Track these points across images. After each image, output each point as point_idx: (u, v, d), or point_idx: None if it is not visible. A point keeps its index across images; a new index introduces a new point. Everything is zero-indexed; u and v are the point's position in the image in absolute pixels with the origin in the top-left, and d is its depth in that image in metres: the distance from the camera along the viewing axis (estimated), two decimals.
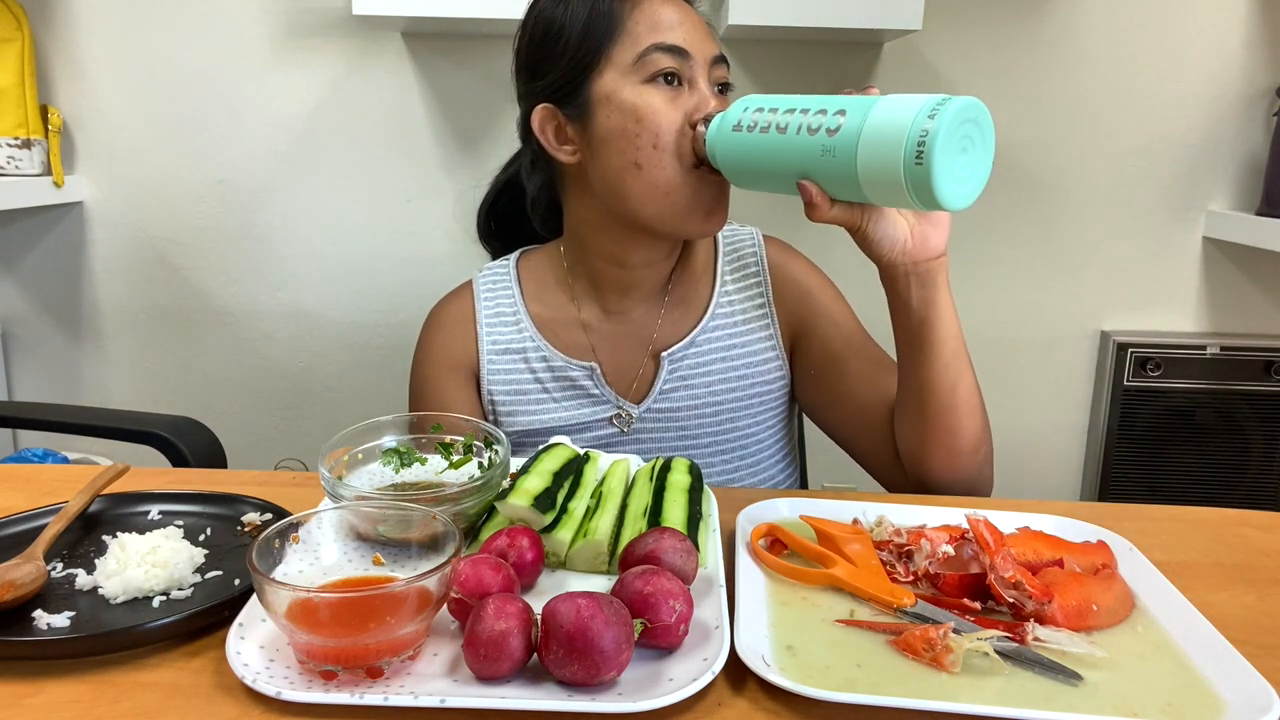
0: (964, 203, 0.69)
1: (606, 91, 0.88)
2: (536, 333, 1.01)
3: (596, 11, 0.88)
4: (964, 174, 0.69)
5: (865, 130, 0.69)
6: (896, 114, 0.68)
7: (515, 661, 0.53)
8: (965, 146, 0.68)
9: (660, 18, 0.88)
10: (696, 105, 0.88)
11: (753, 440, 1.02)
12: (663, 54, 0.87)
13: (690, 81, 0.88)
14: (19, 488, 0.84)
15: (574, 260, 1.01)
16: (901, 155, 0.66)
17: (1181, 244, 1.87)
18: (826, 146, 0.72)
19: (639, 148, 0.87)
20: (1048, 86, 1.79)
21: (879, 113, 0.69)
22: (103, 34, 1.78)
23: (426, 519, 0.62)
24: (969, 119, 0.67)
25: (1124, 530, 0.73)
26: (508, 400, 1.00)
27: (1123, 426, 1.88)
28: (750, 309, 1.02)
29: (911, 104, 0.68)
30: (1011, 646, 0.58)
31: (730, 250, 1.04)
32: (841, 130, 0.71)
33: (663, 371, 0.99)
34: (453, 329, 1.03)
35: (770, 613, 0.63)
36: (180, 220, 1.87)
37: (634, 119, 0.87)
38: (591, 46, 0.88)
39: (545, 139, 0.93)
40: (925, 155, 0.65)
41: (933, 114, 0.66)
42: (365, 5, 1.54)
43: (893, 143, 0.67)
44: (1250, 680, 0.54)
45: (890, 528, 0.73)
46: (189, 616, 0.59)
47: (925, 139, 0.65)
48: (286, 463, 1.96)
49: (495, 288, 1.04)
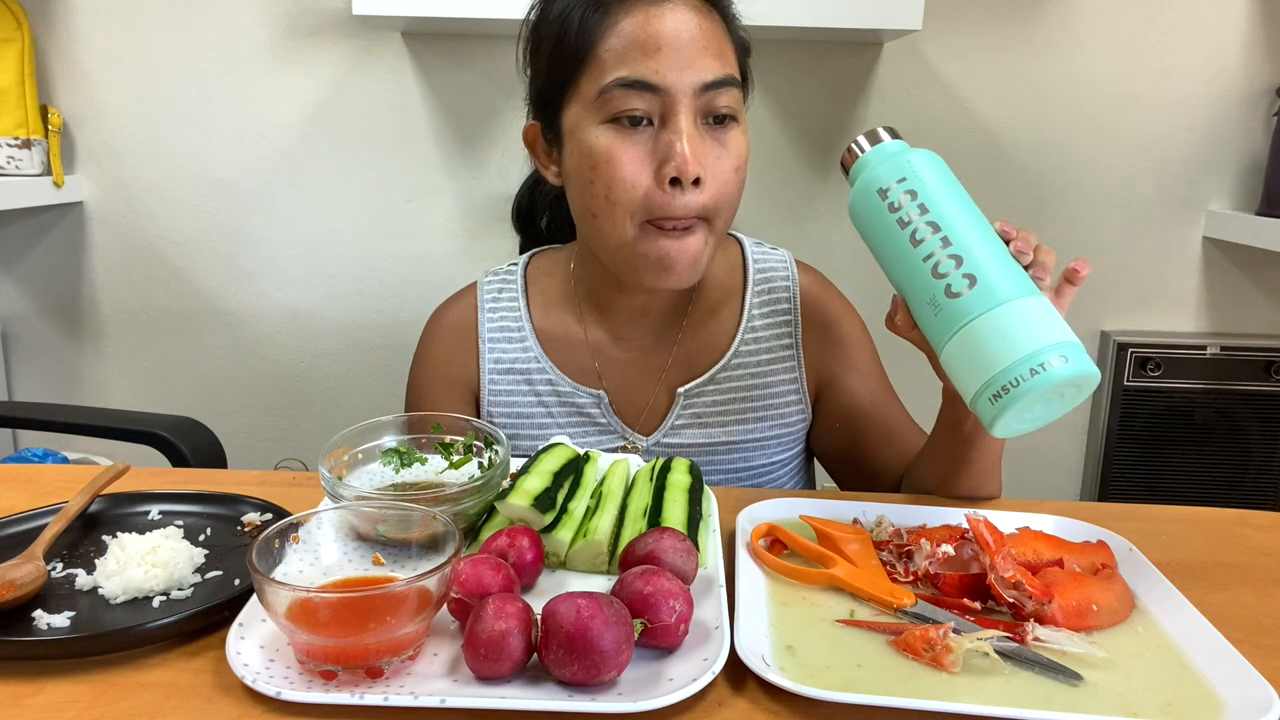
0: (1013, 435, 0.66)
1: (571, 126, 0.79)
2: (542, 353, 0.94)
3: (570, 25, 0.78)
4: (1032, 417, 0.65)
5: (972, 327, 0.64)
6: (1011, 337, 0.62)
7: (515, 661, 0.53)
8: (1051, 399, 0.64)
9: (636, 39, 0.75)
10: (665, 155, 0.75)
11: (767, 478, 0.97)
12: (625, 91, 0.75)
13: (663, 119, 0.76)
14: (19, 488, 0.84)
15: (579, 278, 0.95)
16: (980, 385, 0.63)
17: (1181, 244, 1.87)
18: (935, 301, 0.66)
19: (593, 196, 0.78)
20: (1048, 86, 1.79)
21: (998, 318, 0.63)
22: (103, 34, 1.78)
23: (426, 519, 0.62)
24: (1073, 384, 0.63)
25: (1124, 530, 0.73)
26: (509, 423, 0.95)
27: (1123, 426, 1.88)
28: (777, 347, 0.94)
29: (1031, 338, 0.62)
30: (1011, 646, 0.58)
31: (761, 278, 0.96)
32: (958, 301, 0.65)
33: (676, 407, 0.93)
34: (453, 342, 0.96)
35: (770, 613, 0.63)
36: (180, 220, 1.87)
37: (590, 165, 0.77)
38: (563, 70, 0.79)
39: (535, 155, 0.88)
40: (1002, 401, 0.62)
41: (1039, 369, 0.61)
42: (365, 5, 1.54)
43: (984, 364, 0.63)
44: (1250, 680, 0.54)
45: (890, 528, 0.73)
46: (189, 616, 0.59)
47: (1012, 389, 0.61)
48: (286, 463, 1.96)
49: (500, 297, 0.97)
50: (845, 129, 1.80)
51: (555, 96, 0.81)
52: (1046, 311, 0.65)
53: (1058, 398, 0.64)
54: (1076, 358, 0.62)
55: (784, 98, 1.78)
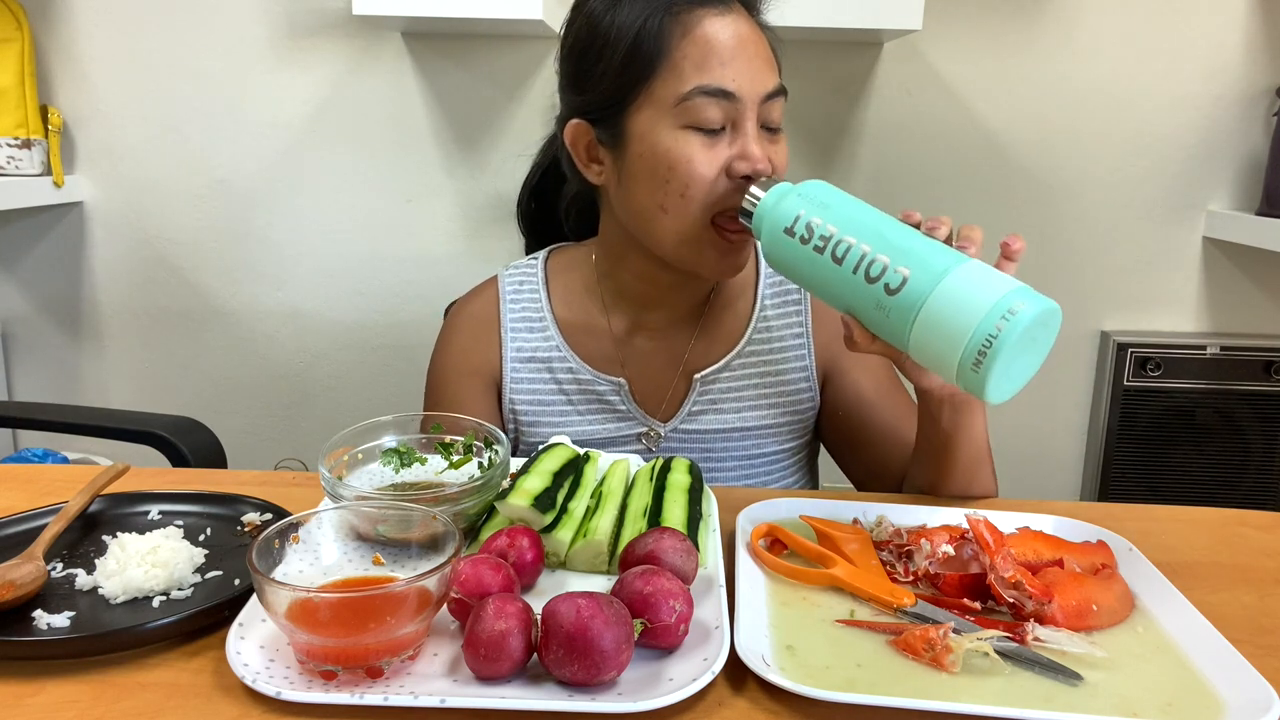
0: (1007, 397, 0.65)
1: (642, 129, 0.82)
2: (563, 341, 0.97)
3: (645, 32, 0.81)
4: (1017, 372, 0.64)
5: (927, 308, 0.63)
6: (966, 301, 0.62)
7: (515, 661, 0.53)
8: (1028, 348, 0.63)
9: (712, 48, 0.80)
10: (738, 154, 0.81)
11: (778, 466, 1.00)
12: (707, 99, 0.79)
13: (735, 124, 0.81)
14: (19, 488, 0.84)
15: (606, 271, 0.97)
16: (959, 355, 0.62)
17: (1181, 244, 1.87)
18: (882, 304, 0.66)
19: (667, 194, 0.82)
20: (1047, 86, 1.79)
21: (947, 290, 0.63)
22: (103, 34, 1.78)
23: (426, 519, 0.62)
24: (1041, 324, 0.62)
25: (1124, 530, 0.73)
26: (530, 411, 0.97)
27: (1123, 426, 1.88)
28: (789, 336, 0.98)
29: (985, 294, 0.61)
30: (1011, 646, 0.58)
31: (773, 272, 1.00)
32: (902, 292, 0.65)
33: (693, 393, 0.96)
34: (475, 333, 0.99)
35: (770, 613, 0.63)
36: (180, 220, 1.87)
37: (666, 165, 0.81)
38: (633, 76, 0.82)
39: (576, 153, 0.89)
40: (985, 363, 0.61)
41: (1006, 317, 0.60)
42: (365, 5, 1.54)
43: (954, 336, 0.62)
44: (1250, 680, 0.54)
45: (890, 528, 0.73)
46: (189, 616, 0.59)
47: (990, 346, 0.60)
48: (286, 463, 1.96)
49: (522, 289, 1.00)
50: (845, 129, 1.80)
51: (621, 100, 0.83)
52: (985, 270, 0.65)
53: (1032, 343, 0.63)
54: (1033, 296, 0.62)
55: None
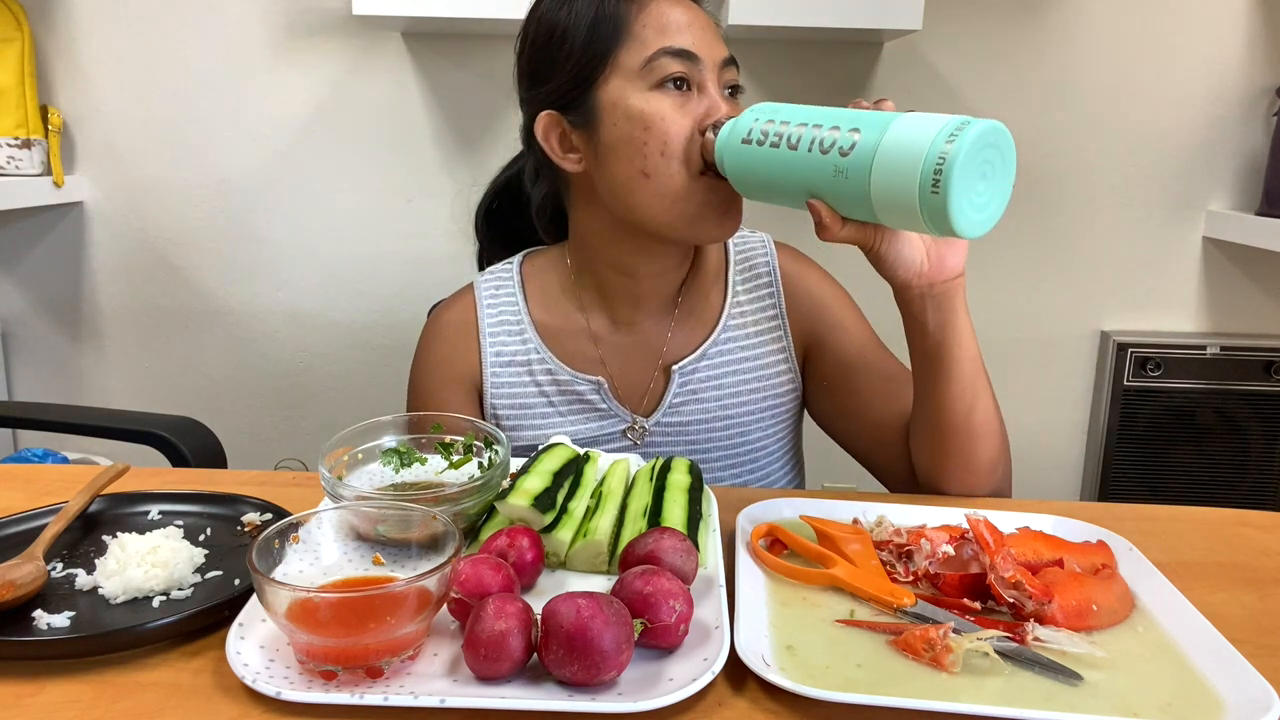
0: (981, 230, 0.66)
1: (613, 99, 0.86)
2: (541, 344, 0.98)
3: (601, 14, 0.86)
4: (982, 201, 0.66)
5: (880, 152, 0.66)
6: (913, 136, 0.65)
7: (515, 661, 0.53)
8: (985, 172, 0.65)
9: (668, 20, 0.86)
10: (706, 110, 0.85)
11: (762, 453, 1.00)
12: (671, 58, 0.84)
13: (699, 85, 0.86)
14: (19, 488, 0.84)
15: (581, 269, 0.99)
16: (917, 181, 0.63)
17: (1181, 244, 1.87)
18: (839, 167, 0.69)
19: (647, 156, 0.85)
20: (1047, 86, 1.79)
21: (895, 133, 0.66)
22: (103, 34, 1.78)
23: (426, 519, 0.62)
24: (990, 144, 0.64)
25: (1124, 530, 0.73)
26: (511, 414, 0.98)
27: (1123, 426, 1.88)
28: (763, 319, 1.00)
29: (929, 126, 0.64)
30: (1011, 646, 0.58)
31: (741, 258, 1.02)
32: (855, 150, 0.68)
33: (673, 385, 0.97)
34: (454, 340, 1.00)
35: (770, 613, 0.63)
36: (180, 220, 1.87)
37: (642, 126, 0.84)
38: (597, 51, 0.86)
39: (549, 147, 0.90)
40: (942, 182, 0.62)
41: (952, 137, 0.63)
42: (365, 5, 1.54)
43: (908, 168, 0.64)
44: (1250, 680, 0.54)
45: (890, 528, 0.73)
46: (189, 616, 0.59)
47: (943, 165, 0.62)
48: (286, 463, 1.96)
49: (498, 294, 1.01)
50: None
51: (589, 76, 0.87)
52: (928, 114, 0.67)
53: (987, 165, 0.65)
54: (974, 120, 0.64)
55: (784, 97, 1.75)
